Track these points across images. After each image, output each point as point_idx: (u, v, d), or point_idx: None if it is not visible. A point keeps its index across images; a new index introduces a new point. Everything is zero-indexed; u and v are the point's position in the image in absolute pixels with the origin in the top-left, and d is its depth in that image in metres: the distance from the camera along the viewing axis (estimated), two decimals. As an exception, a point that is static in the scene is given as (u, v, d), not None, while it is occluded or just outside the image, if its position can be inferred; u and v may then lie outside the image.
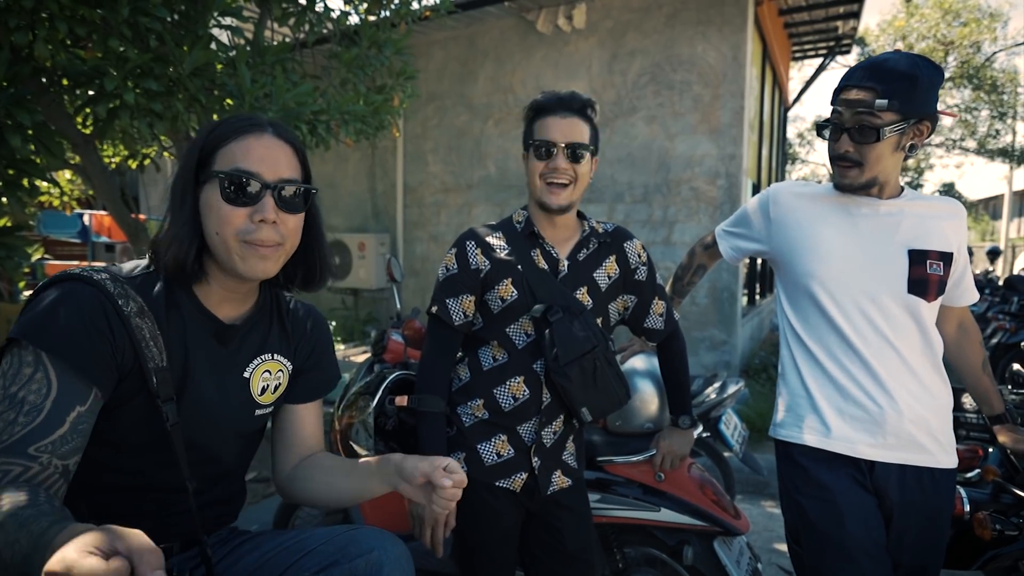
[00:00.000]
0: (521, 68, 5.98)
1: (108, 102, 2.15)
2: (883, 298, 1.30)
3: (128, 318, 0.88)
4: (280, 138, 0.97)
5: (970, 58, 14.83)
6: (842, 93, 1.27)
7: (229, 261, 0.92)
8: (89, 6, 2.03)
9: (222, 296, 0.99)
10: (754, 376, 5.44)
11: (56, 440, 0.79)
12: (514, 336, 1.38)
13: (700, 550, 1.68)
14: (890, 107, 1.20)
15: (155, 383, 0.89)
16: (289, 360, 1.10)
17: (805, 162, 19.75)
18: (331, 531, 1.00)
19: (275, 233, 0.93)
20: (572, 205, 1.38)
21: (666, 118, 5.35)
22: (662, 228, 5.45)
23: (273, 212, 0.92)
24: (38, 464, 0.77)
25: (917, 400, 1.29)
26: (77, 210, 6.79)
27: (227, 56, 2.57)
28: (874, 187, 1.31)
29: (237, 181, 0.91)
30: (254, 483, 3.40)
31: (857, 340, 1.31)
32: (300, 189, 0.97)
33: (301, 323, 1.13)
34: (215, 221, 0.91)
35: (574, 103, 1.36)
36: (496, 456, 1.38)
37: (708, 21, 5.14)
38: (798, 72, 15.31)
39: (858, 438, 1.30)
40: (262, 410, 1.06)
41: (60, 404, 0.80)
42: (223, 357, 1.00)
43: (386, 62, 3.35)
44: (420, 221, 6.71)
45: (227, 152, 0.93)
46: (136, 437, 0.93)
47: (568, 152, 1.33)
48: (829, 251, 1.34)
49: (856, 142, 1.25)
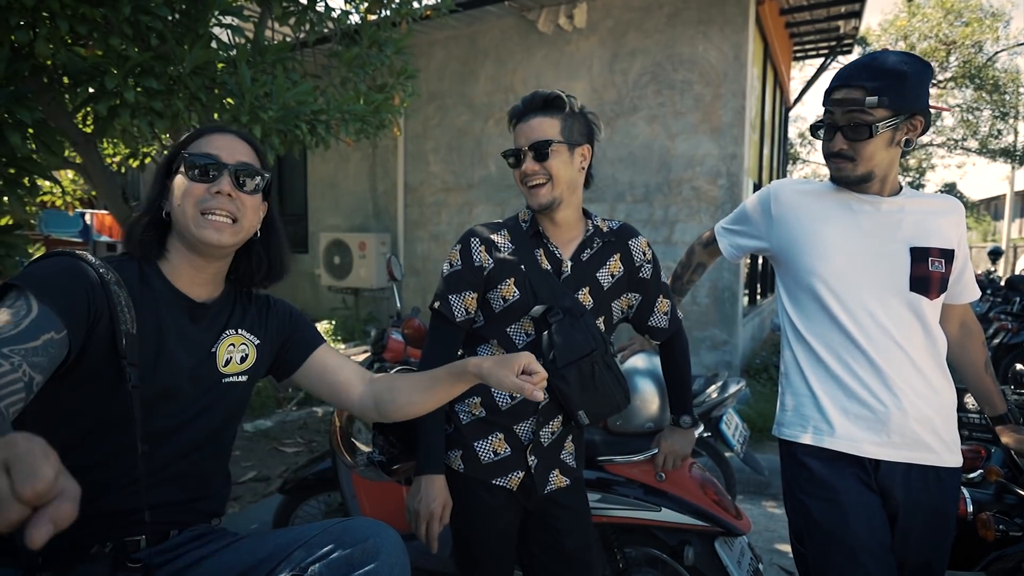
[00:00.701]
0: (522, 67, 5.98)
1: (109, 100, 2.15)
2: (887, 295, 1.30)
3: (108, 284, 0.97)
4: (241, 138, 1.12)
5: (972, 58, 14.80)
6: (833, 93, 1.28)
7: (187, 229, 1.03)
8: (90, 4, 2.03)
9: (191, 277, 1.09)
10: (755, 376, 5.43)
11: (29, 349, 0.83)
12: (514, 336, 1.38)
13: (701, 550, 1.68)
14: (880, 104, 1.21)
15: (124, 344, 0.96)
16: (256, 335, 1.18)
17: (807, 162, 19.73)
18: (324, 524, 1.00)
19: (231, 204, 1.04)
20: (557, 201, 1.35)
21: (667, 118, 5.34)
22: (663, 228, 5.44)
23: (229, 186, 1.05)
24: (8, 363, 0.79)
25: (922, 398, 1.28)
26: (79, 209, 6.80)
27: (227, 55, 2.57)
28: (871, 181, 1.31)
29: (199, 160, 1.05)
30: (254, 482, 3.39)
31: (861, 338, 1.30)
32: (256, 175, 1.09)
33: (263, 307, 1.23)
34: (179, 196, 1.04)
35: (535, 103, 1.36)
36: (493, 454, 1.38)
37: (709, 20, 5.14)
38: (799, 72, 15.30)
39: (863, 437, 1.29)
40: (229, 379, 1.12)
41: (37, 324, 0.85)
42: (194, 333, 1.08)
43: (387, 61, 3.35)
44: (421, 220, 6.71)
45: (195, 145, 1.08)
46: (101, 409, 0.98)
47: (533, 153, 1.33)
48: (832, 248, 1.33)
49: (850, 139, 1.26)
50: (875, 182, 1.32)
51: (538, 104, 1.36)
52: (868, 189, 1.33)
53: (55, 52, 2.07)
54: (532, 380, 0.99)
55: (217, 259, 1.10)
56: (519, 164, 1.36)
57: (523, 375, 1.00)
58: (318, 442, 4.10)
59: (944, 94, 16.02)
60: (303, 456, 3.83)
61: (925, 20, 15.07)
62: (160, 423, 1.02)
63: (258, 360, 1.18)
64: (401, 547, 0.97)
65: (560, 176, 1.34)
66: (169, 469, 1.04)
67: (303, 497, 2.29)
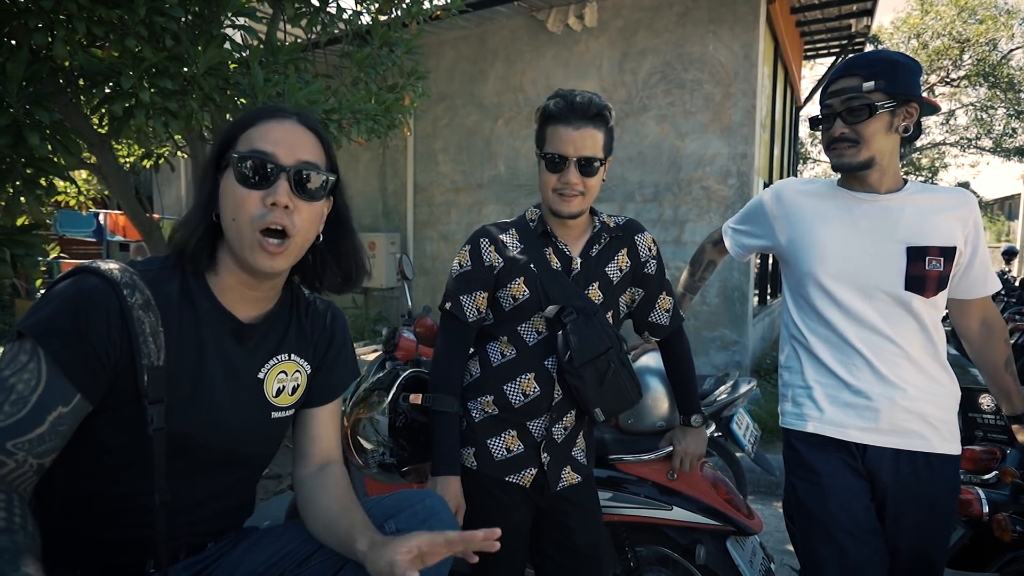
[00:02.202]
0: (531, 67, 5.98)
1: (124, 101, 2.17)
2: (879, 294, 1.33)
3: (130, 309, 0.85)
4: (303, 125, 0.94)
5: (986, 56, 14.64)
6: (829, 87, 1.34)
7: (241, 251, 0.90)
8: (107, 6, 2.05)
9: (241, 294, 0.96)
10: (765, 376, 5.41)
11: (34, 439, 0.79)
12: (525, 334, 1.38)
13: (713, 549, 1.67)
14: (877, 87, 1.27)
15: (145, 382, 0.86)
16: (307, 360, 1.06)
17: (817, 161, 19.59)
18: (372, 499, 1.04)
19: (286, 218, 0.89)
20: (584, 211, 1.37)
21: (677, 117, 5.33)
22: (673, 227, 5.42)
23: (286, 196, 0.88)
24: (13, 461, 0.78)
25: (915, 388, 1.32)
26: (92, 209, 6.88)
27: (240, 56, 2.59)
28: (872, 168, 1.33)
29: (252, 161, 0.88)
30: (265, 480, 3.42)
31: (854, 337, 1.34)
32: (321, 177, 0.93)
33: (320, 318, 1.10)
34: (231, 206, 0.89)
35: (589, 111, 1.29)
36: (506, 451, 1.38)
37: (720, 20, 5.12)
38: (810, 71, 15.20)
39: (850, 423, 1.34)
40: (279, 412, 1.02)
41: (44, 401, 0.80)
42: (239, 357, 0.96)
43: (397, 61, 3.36)
44: (430, 220, 6.73)
45: (247, 136, 0.91)
46: (122, 442, 0.89)
47: (580, 166, 1.30)
48: (828, 249, 1.37)
49: (850, 123, 1.30)
50: (875, 171, 1.33)
51: (591, 113, 1.30)
52: (868, 180, 1.35)
53: (72, 54, 2.09)
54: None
55: (272, 279, 0.97)
56: (559, 170, 1.31)
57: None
58: (328, 440, 4.12)
59: (957, 92, 15.86)
60: (314, 454, 3.85)
61: (938, 18, 14.93)
62: (196, 459, 0.94)
63: (307, 390, 1.06)
64: (448, 506, 1.04)
65: (593, 193, 1.35)
66: (207, 507, 0.98)
67: (315, 494, 2.30)
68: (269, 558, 1.00)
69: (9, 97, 1.92)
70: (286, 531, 1.05)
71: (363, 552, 0.88)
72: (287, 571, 0.99)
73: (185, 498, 0.94)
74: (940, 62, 15.10)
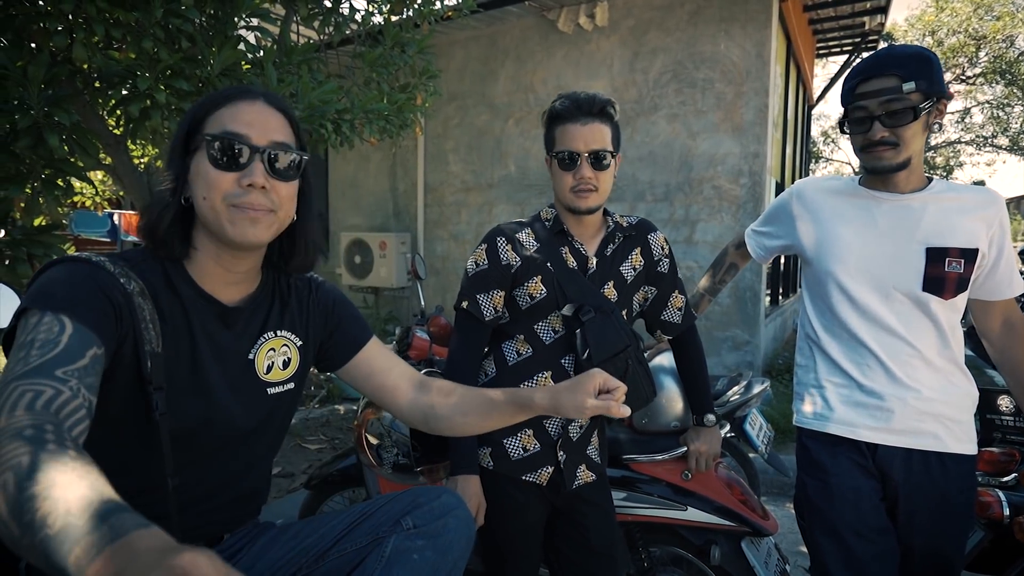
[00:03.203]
0: (542, 67, 5.97)
1: (141, 102, 2.20)
2: (896, 295, 1.32)
3: (132, 296, 0.84)
4: (272, 105, 0.93)
5: (1003, 53, 14.44)
6: (860, 86, 1.28)
7: (219, 226, 0.88)
8: (124, 8, 2.08)
9: (221, 278, 0.95)
10: (777, 377, 5.37)
11: (81, 368, 0.72)
12: (541, 333, 1.39)
13: (727, 550, 1.66)
14: (918, 88, 1.23)
15: (148, 368, 0.85)
16: (297, 334, 1.06)
17: (829, 160, 19.42)
18: (387, 496, 1.03)
19: (265, 199, 0.88)
20: (600, 206, 1.39)
21: (688, 116, 5.30)
22: (684, 227, 5.40)
23: (263, 177, 0.87)
24: (68, 388, 0.69)
25: (929, 389, 1.31)
26: (107, 210, 6.96)
27: (254, 56, 2.61)
28: (906, 168, 1.30)
29: (225, 144, 0.86)
30: (278, 478, 3.44)
31: (869, 338, 1.34)
32: (294, 156, 0.92)
33: (304, 290, 1.09)
34: (203, 186, 0.87)
35: (594, 106, 1.33)
36: (523, 450, 1.39)
37: (731, 18, 5.09)
38: (822, 69, 15.07)
39: (860, 422, 1.34)
40: (275, 388, 1.01)
41: (79, 340, 0.75)
42: (227, 340, 0.96)
43: (409, 61, 3.37)
44: (441, 220, 6.74)
45: (216, 117, 0.89)
46: (131, 436, 0.88)
47: (592, 160, 1.32)
48: (847, 249, 1.36)
49: (890, 126, 1.26)
50: (906, 171, 1.31)
51: (596, 108, 1.33)
52: (895, 180, 1.32)
53: (91, 56, 2.12)
54: (613, 396, 0.93)
55: (250, 254, 0.96)
56: (572, 168, 1.33)
57: (603, 394, 0.94)
58: (340, 439, 4.15)
59: (973, 90, 15.65)
60: (326, 453, 3.88)
61: (954, 15, 14.74)
62: (201, 446, 0.93)
63: (302, 362, 1.07)
64: (463, 502, 1.04)
65: (607, 187, 1.36)
66: (218, 496, 0.98)
67: (328, 493, 2.32)
68: (287, 554, 1.01)
69: (30, 99, 1.95)
70: (303, 528, 1.06)
71: (543, 406, 0.99)
72: (303, 567, 1.00)
73: (195, 488, 0.94)
74: (956, 59, 14.91)
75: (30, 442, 0.60)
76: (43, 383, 0.68)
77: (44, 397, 0.67)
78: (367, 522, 1.00)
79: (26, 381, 0.68)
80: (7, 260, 2.14)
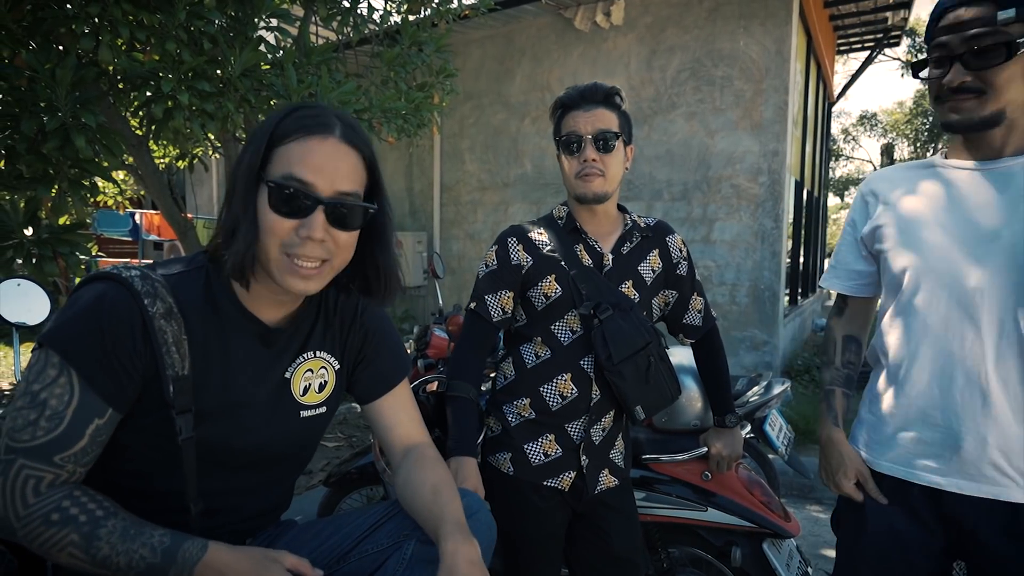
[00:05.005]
0: (558, 66, 5.96)
1: (164, 103, 2.23)
2: (991, 291, 1.01)
3: (152, 319, 0.84)
4: (347, 142, 0.88)
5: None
6: (942, 20, 1.01)
7: (270, 271, 0.87)
8: (149, 11, 2.11)
9: (268, 299, 0.93)
10: (796, 377, 5.31)
11: (78, 452, 0.82)
12: (559, 333, 1.37)
13: (748, 552, 1.64)
14: (1018, 16, 0.94)
15: (171, 392, 0.85)
16: (335, 356, 1.04)
17: (850, 158, 19.13)
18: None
19: (322, 250, 0.86)
20: (608, 194, 1.35)
21: (706, 114, 5.26)
22: (702, 226, 5.35)
23: (322, 231, 0.84)
24: (65, 472, 0.81)
25: (1019, 423, 1.01)
26: (129, 209, 7.08)
27: (274, 57, 2.64)
28: (999, 125, 1.02)
29: (287, 192, 0.83)
30: (297, 475, 3.47)
31: (956, 348, 1.05)
32: (360, 208, 0.89)
33: (350, 310, 1.07)
34: (262, 227, 0.85)
35: (596, 94, 1.34)
36: (544, 456, 1.36)
37: (751, 15, 5.03)
38: (843, 66, 14.86)
39: (921, 463, 1.09)
40: (308, 411, 1.00)
41: (80, 416, 0.81)
42: (265, 360, 0.95)
43: (427, 60, 3.38)
44: (457, 219, 6.76)
45: (285, 152, 0.84)
46: (150, 449, 0.89)
47: (596, 142, 1.31)
48: (923, 241, 1.09)
49: (975, 68, 0.98)
50: (1001, 129, 1.03)
51: (600, 96, 1.34)
52: (988, 141, 1.04)
53: (116, 58, 2.16)
54: None
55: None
56: (577, 152, 1.33)
57: None
58: (358, 437, 4.18)
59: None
60: (344, 451, 3.91)
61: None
62: (226, 464, 0.93)
63: (337, 385, 1.04)
64: (485, 504, 1.04)
65: (615, 173, 1.34)
66: (243, 507, 0.99)
67: (346, 490, 2.33)
68: (309, 553, 1.01)
69: (58, 101, 1.98)
70: (325, 528, 1.06)
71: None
72: (325, 567, 1.00)
73: (220, 499, 0.95)
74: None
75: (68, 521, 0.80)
76: (43, 469, 0.80)
77: (45, 482, 0.81)
78: (389, 524, 1.00)
79: (30, 464, 0.80)
80: (34, 258, 2.19)
